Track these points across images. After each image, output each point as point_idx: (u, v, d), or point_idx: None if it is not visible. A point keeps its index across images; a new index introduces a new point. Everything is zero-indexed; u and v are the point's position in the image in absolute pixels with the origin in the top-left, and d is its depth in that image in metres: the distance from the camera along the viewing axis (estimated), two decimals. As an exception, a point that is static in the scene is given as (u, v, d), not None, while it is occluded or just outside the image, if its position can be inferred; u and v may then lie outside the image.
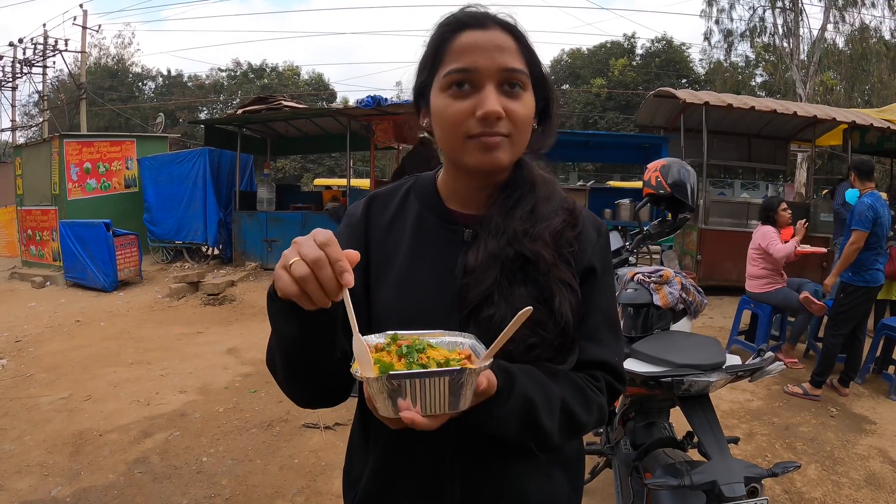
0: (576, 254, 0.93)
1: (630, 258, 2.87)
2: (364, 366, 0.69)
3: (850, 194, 4.45)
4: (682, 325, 2.23)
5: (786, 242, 4.80)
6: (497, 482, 0.91)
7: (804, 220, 4.88)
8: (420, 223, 0.97)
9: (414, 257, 0.94)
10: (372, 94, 8.21)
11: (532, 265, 0.88)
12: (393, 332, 0.77)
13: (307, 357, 0.78)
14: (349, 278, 0.66)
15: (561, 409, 0.85)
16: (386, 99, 8.16)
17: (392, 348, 0.73)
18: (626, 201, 8.84)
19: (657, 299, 2.09)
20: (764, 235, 4.90)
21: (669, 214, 2.76)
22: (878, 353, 4.65)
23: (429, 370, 0.67)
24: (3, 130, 22.60)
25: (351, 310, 0.70)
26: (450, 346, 0.77)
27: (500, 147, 0.85)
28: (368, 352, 0.71)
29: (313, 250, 0.65)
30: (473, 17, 0.87)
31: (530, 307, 0.69)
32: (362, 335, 0.72)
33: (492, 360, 0.71)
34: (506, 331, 0.70)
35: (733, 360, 1.80)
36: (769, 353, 1.77)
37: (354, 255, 0.69)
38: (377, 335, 0.77)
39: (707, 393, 1.73)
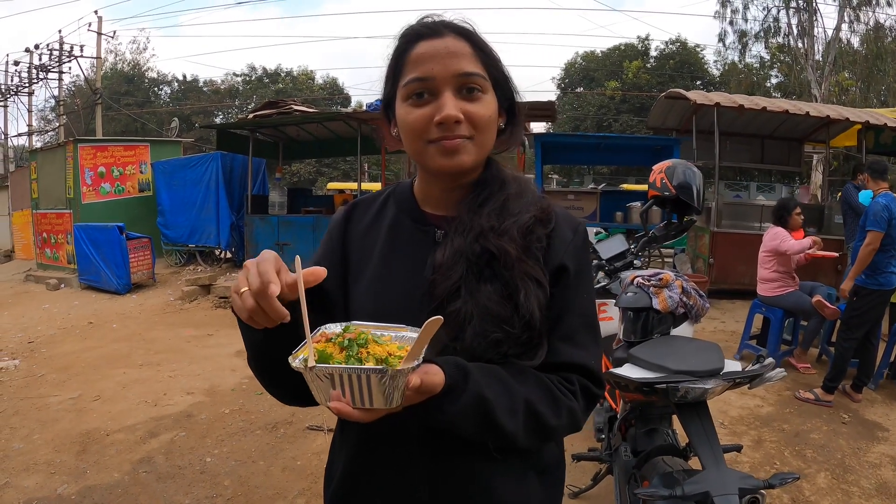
0: (547, 251, 0.93)
1: (635, 261, 2.83)
2: (309, 355, 0.72)
3: (864, 195, 4.37)
4: (684, 329, 2.20)
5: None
6: (464, 481, 0.91)
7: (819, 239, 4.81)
8: (395, 226, 1.00)
9: (387, 257, 0.98)
10: (381, 98, 8.21)
11: (498, 261, 0.89)
12: (348, 323, 0.82)
13: (273, 357, 0.81)
14: (282, 313, 0.72)
15: (525, 409, 0.85)
16: (395, 102, 8.15)
17: (338, 340, 0.76)
18: (638, 204, 8.76)
19: (656, 303, 2.06)
20: (774, 236, 4.83)
21: (676, 217, 2.72)
22: (892, 358, 4.55)
23: (349, 366, 0.70)
24: (19, 135, 23.03)
25: (306, 316, 0.72)
26: (408, 341, 0.78)
27: (460, 149, 0.88)
28: (312, 342, 0.73)
29: (255, 281, 0.72)
30: (428, 27, 0.90)
31: (440, 317, 0.71)
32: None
33: (417, 362, 0.71)
34: (420, 336, 0.71)
35: (733, 366, 1.76)
36: (769, 360, 1.73)
37: (320, 271, 0.76)
38: (337, 324, 0.81)
39: (704, 400, 1.70)
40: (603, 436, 2.57)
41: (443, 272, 0.89)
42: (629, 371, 1.78)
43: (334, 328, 0.80)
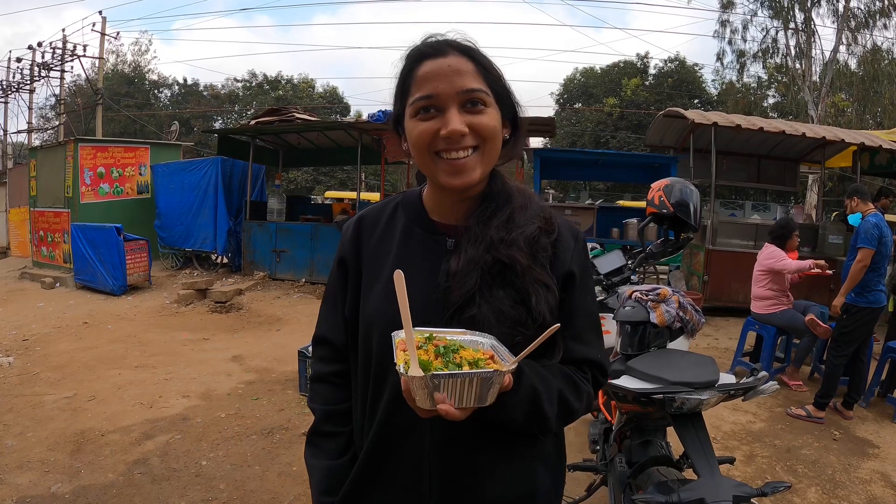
0: (553, 259, 1.01)
1: (632, 277, 2.88)
2: (411, 363, 0.78)
3: (853, 217, 4.46)
4: (679, 343, 2.24)
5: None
6: (473, 474, 0.97)
7: (824, 262, 4.89)
8: (406, 234, 1.06)
9: (401, 265, 0.99)
10: (383, 109, 8.29)
11: (509, 269, 0.96)
12: (428, 331, 0.88)
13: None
14: None
15: (558, 397, 0.94)
16: (397, 113, 8.22)
17: (429, 347, 0.83)
18: (634, 220, 8.82)
19: (654, 317, 2.10)
20: (770, 255, 4.89)
21: (673, 234, 2.77)
22: (883, 376, 4.61)
23: (467, 371, 0.77)
24: (19, 132, 22.95)
25: (409, 328, 0.80)
26: (472, 344, 0.86)
27: (467, 168, 0.95)
28: (415, 351, 0.79)
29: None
30: (432, 46, 0.96)
31: (559, 324, 0.83)
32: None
33: (514, 365, 0.80)
34: (535, 343, 0.81)
35: (727, 378, 1.81)
36: (762, 373, 1.78)
37: None
38: (414, 330, 0.86)
39: (699, 411, 1.74)
40: (598, 447, 2.60)
41: (458, 280, 0.95)
42: (627, 382, 1.82)
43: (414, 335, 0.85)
